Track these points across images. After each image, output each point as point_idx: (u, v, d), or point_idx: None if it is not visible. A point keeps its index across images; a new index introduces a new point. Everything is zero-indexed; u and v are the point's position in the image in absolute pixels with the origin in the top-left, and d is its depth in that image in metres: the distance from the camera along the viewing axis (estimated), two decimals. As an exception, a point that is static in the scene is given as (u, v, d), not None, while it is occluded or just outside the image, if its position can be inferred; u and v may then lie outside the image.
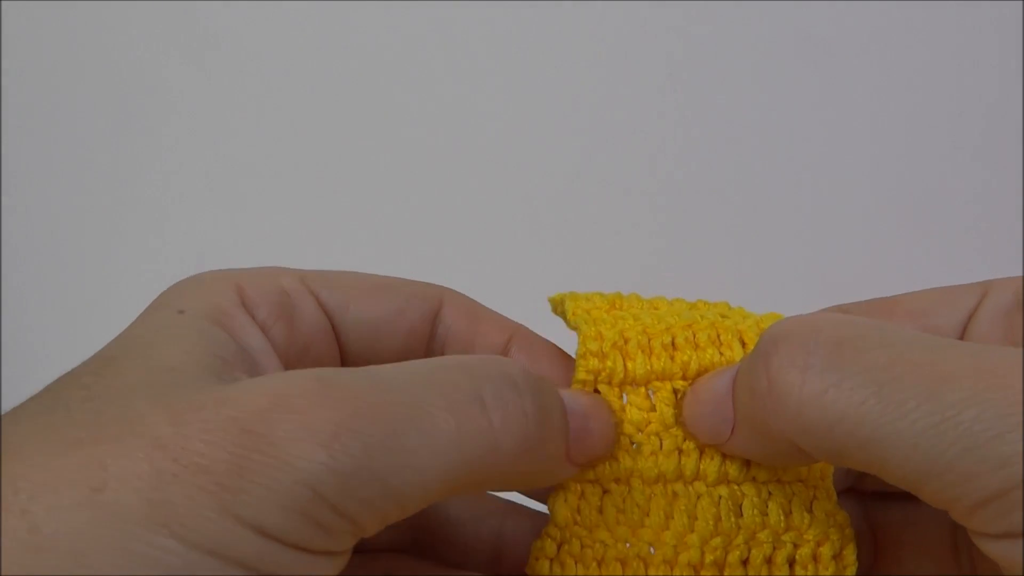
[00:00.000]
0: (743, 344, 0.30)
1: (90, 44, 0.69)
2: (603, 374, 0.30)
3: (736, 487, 0.29)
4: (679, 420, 0.30)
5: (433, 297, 0.32)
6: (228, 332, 0.28)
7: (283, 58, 0.69)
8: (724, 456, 0.29)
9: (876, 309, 0.31)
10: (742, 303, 0.33)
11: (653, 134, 0.67)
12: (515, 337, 0.33)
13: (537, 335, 0.33)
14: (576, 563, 0.29)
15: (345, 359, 0.32)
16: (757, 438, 0.27)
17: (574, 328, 0.31)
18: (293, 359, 0.30)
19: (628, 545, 0.29)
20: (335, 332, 0.31)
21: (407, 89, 0.68)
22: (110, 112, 0.69)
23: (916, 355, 0.23)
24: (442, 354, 0.33)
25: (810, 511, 0.29)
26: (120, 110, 0.69)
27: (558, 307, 0.33)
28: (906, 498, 0.31)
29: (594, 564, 0.29)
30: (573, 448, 0.28)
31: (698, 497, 0.29)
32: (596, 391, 0.30)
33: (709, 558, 0.28)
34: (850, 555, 0.29)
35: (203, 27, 0.68)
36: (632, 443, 0.30)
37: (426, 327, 0.32)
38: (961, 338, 0.29)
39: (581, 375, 0.30)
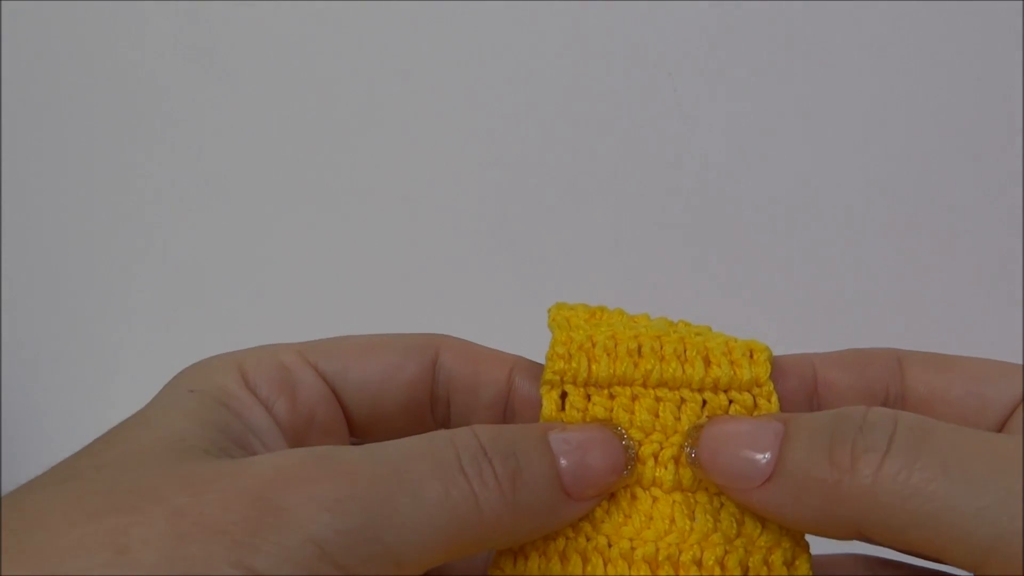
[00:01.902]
0: (706, 363, 0.31)
1: (82, 49, 0.70)
2: (568, 374, 0.31)
3: (690, 495, 0.31)
4: (690, 460, 0.30)
5: (429, 346, 0.34)
6: (234, 412, 0.30)
7: (269, 78, 0.69)
8: (678, 465, 0.31)
9: (932, 363, 0.32)
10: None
11: (652, 149, 0.67)
12: (516, 369, 0.34)
13: (537, 364, 0.34)
14: (539, 556, 0.30)
15: (351, 421, 0.34)
16: (798, 500, 0.28)
17: (549, 324, 0.33)
18: (300, 429, 0.32)
19: (588, 540, 0.30)
20: (337, 397, 0.33)
21: (397, 104, 0.69)
22: (107, 116, 0.70)
23: (983, 439, 0.26)
24: (447, 399, 0.34)
25: (761, 520, 0.30)
26: (117, 113, 0.70)
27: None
28: (910, 572, 0.33)
29: (556, 557, 0.30)
30: (573, 486, 0.29)
31: (654, 500, 0.31)
32: (564, 393, 0.32)
33: (663, 555, 0.30)
34: (803, 565, 0.30)
35: (199, 43, 0.69)
36: None
37: (427, 376, 0.34)
38: (1008, 416, 0.31)
39: (548, 375, 0.31)
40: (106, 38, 0.70)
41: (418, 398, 0.33)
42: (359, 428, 0.34)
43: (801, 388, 0.32)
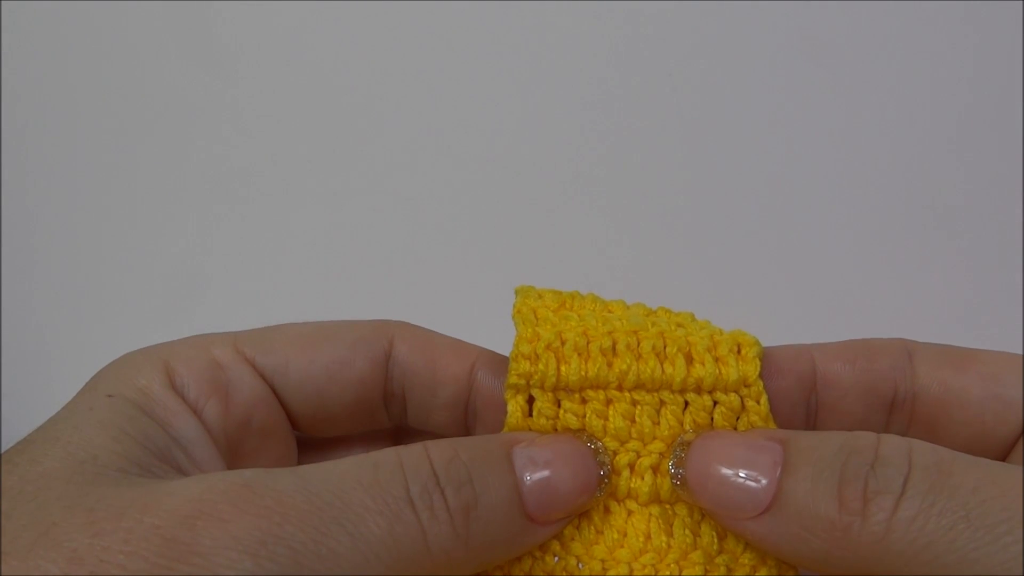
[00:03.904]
0: (688, 360, 0.27)
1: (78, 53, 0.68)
2: (535, 378, 0.27)
3: (668, 507, 0.28)
4: (676, 481, 0.27)
5: (382, 337, 0.30)
6: (156, 420, 0.26)
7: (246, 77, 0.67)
8: (656, 475, 0.27)
9: (946, 359, 0.29)
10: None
11: (641, 139, 0.64)
12: (478, 363, 0.30)
13: (503, 356, 0.30)
14: None
15: (294, 421, 0.30)
16: (799, 537, 0.24)
17: (512, 316, 0.29)
18: (233, 435, 0.28)
19: (556, 559, 0.27)
20: (278, 396, 0.30)
21: (381, 93, 0.66)
22: (103, 116, 0.68)
23: (1005, 478, 0.23)
24: (403, 396, 0.31)
25: None
26: (114, 113, 0.68)
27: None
28: None
29: None
30: (537, 511, 0.26)
31: (629, 514, 0.28)
32: (531, 397, 0.28)
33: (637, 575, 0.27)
34: None
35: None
36: None
37: (378, 372, 0.30)
38: None
39: (512, 379, 0.28)
40: (106, 37, 0.67)
41: (368, 396, 0.30)
42: (305, 426, 0.31)
43: (798, 386, 0.29)
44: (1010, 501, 0.22)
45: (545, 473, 0.26)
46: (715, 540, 0.27)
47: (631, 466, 0.28)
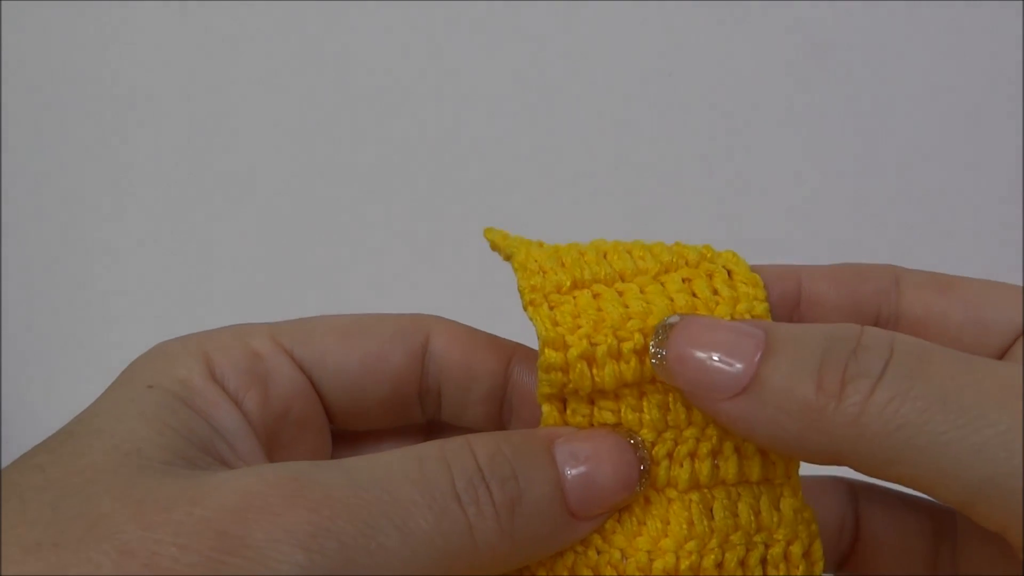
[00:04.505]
0: None
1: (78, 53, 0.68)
2: (569, 388, 0.27)
3: (707, 491, 0.28)
4: (655, 362, 0.26)
5: (418, 331, 0.30)
6: (198, 411, 0.26)
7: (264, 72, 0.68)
8: (694, 461, 0.27)
9: (932, 283, 0.29)
10: None
11: (647, 137, 0.65)
12: (515, 359, 0.30)
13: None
14: (546, 574, 0.27)
15: (331, 414, 0.30)
16: (773, 420, 0.24)
17: (524, 306, 0.27)
18: (272, 425, 0.28)
19: (599, 554, 0.27)
20: (315, 388, 0.29)
21: (392, 87, 0.66)
22: (104, 118, 0.68)
23: (983, 368, 0.23)
24: (438, 391, 0.31)
25: (778, 509, 0.28)
26: (109, 113, 0.68)
27: (498, 249, 0.29)
28: (896, 500, 0.31)
29: (564, 575, 0.27)
30: (579, 507, 0.26)
31: (669, 502, 0.27)
32: (563, 401, 0.27)
33: (684, 563, 0.26)
34: (818, 551, 0.28)
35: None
36: None
37: (414, 366, 0.30)
38: (1010, 345, 0.28)
39: (544, 389, 0.27)
40: (111, 37, 0.67)
41: (404, 390, 0.30)
42: (340, 419, 0.31)
43: (780, 303, 0.29)
44: (987, 388, 0.22)
45: (585, 469, 0.26)
46: (753, 518, 0.27)
47: (669, 455, 0.27)
